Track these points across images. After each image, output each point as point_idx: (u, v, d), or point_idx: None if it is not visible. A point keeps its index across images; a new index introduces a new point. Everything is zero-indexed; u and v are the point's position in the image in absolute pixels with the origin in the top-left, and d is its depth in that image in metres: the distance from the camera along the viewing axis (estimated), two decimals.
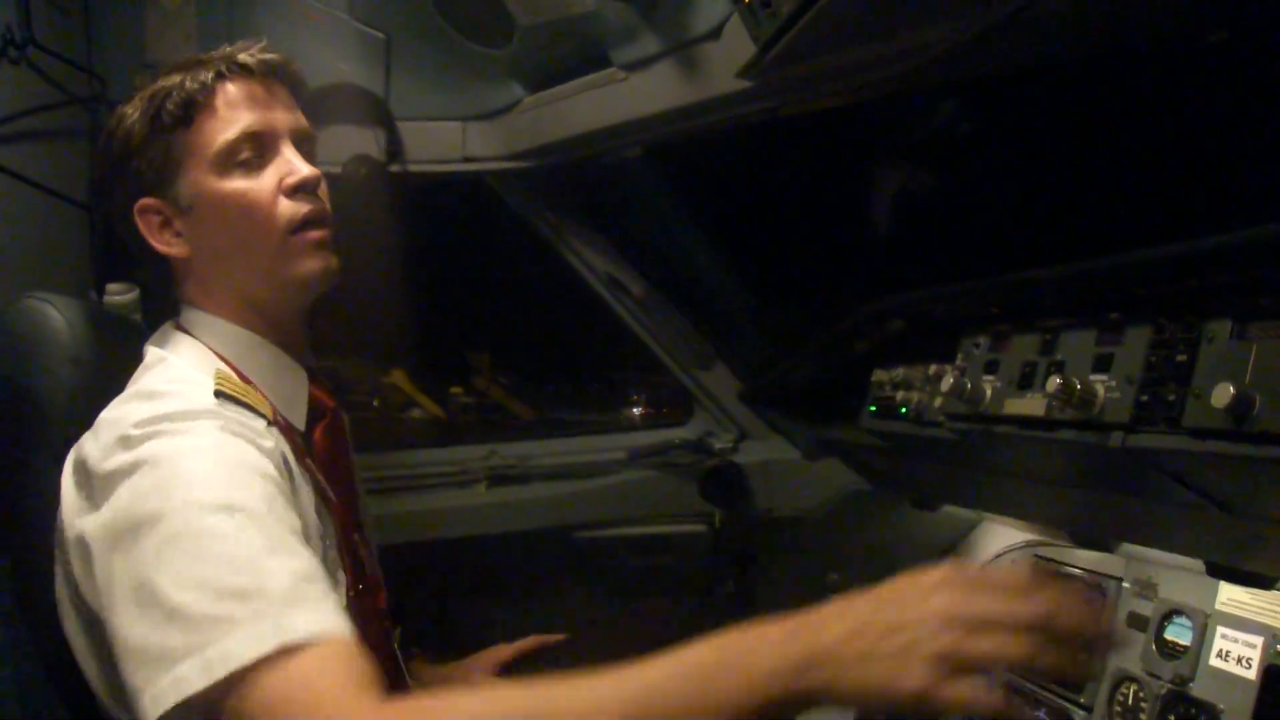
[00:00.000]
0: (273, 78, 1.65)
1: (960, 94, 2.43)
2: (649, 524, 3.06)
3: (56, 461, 1.50)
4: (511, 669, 2.19)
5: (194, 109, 1.57)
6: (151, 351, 1.62)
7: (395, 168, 2.67)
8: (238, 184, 1.58)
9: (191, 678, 1.15)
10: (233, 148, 1.58)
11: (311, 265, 1.62)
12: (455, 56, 2.52)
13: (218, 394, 1.49)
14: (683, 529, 3.04)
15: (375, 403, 4.13)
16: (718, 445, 3.01)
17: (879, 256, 2.93)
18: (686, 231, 3.05)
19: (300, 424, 1.67)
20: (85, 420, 1.49)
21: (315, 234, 1.62)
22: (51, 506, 1.47)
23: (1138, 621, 1.84)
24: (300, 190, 1.60)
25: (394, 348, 4.08)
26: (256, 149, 1.60)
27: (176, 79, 1.59)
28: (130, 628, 1.24)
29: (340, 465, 1.75)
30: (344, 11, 2.56)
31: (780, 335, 3.01)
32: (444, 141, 2.68)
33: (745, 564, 2.94)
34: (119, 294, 2.45)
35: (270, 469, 1.41)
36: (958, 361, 1.96)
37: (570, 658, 2.21)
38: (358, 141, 2.66)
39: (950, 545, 2.66)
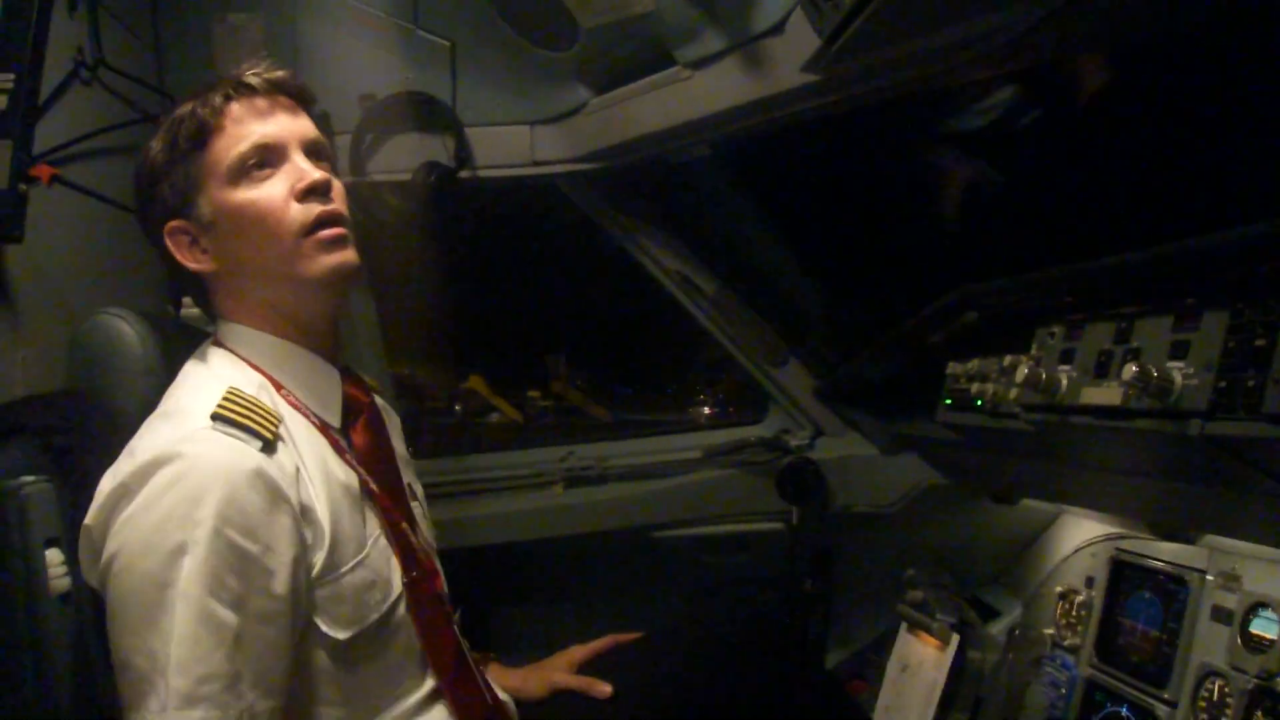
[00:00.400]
0: (279, 94, 1.75)
1: (1027, 80, 2.39)
2: (725, 523, 3.05)
3: None
4: (588, 669, 2.20)
5: (206, 131, 1.69)
6: (185, 369, 1.74)
7: (465, 173, 2.69)
8: (251, 193, 1.67)
9: None
10: (243, 160, 1.68)
11: (327, 262, 1.69)
12: (520, 61, 2.54)
13: (214, 417, 1.55)
14: (759, 527, 3.03)
15: (457, 408, 4.17)
16: (794, 442, 3.00)
17: (951, 248, 2.89)
18: (757, 229, 3.04)
19: (336, 422, 1.77)
20: None
21: (328, 232, 1.69)
22: None
23: (1222, 615, 1.80)
24: (311, 194, 1.68)
25: (471, 353, 4.12)
26: (266, 159, 1.69)
27: (189, 106, 1.71)
28: (112, 651, 1.50)
29: (382, 458, 1.84)
30: (409, 21, 2.60)
31: (854, 330, 2.99)
32: (512, 146, 2.70)
33: (823, 561, 2.92)
34: (195, 307, 2.51)
35: (261, 494, 1.52)
36: (1032, 352, 1.93)
37: (646, 658, 2.22)
38: (427, 148, 2.69)
39: (1030, 539, 2.61)
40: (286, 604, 1.51)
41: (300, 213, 1.67)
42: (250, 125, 1.69)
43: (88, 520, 1.54)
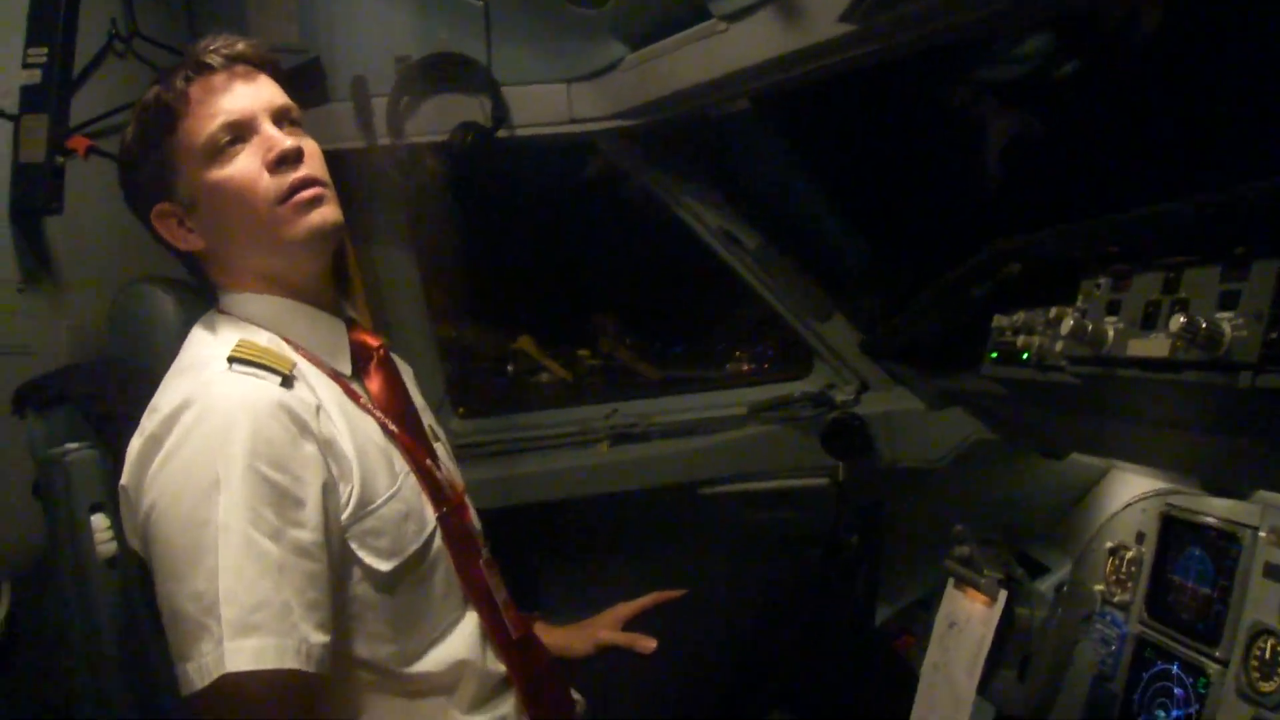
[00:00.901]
0: (241, 66, 1.76)
1: (1068, 26, 2.33)
2: (771, 479, 3.05)
3: None
4: (633, 625, 2.20)
5: (173, 115, 1.71)
6: (191, 334, 1.77)
7: (502, 133, 2.68)
8: (225, 171, 1.70)
9: (193, 679, 1.42)
10: (214, 139, 1.69)
11: (306, 224, 1.72)
12: (554, 19, 2.53)
13: (230, 360, 1.60)
14: (805, 483, 3.01)
15: (509, 369, 4.18)
16: (839, 398, 2.97)
17: (995, 199, 2.85)
18: (798, 182, 3.01)
19: (347, 369, 1.80)
20: None
21: (303, 194, 1.71)
22: None
23: (1274, 572, 1.75)
24: (282, 163, 1.70)
25: (520, 314, 4.12)
26: (236, 135, 1.71)
27: (154, 91, 1.73)
28: (160, 609, 1.50)
29: (398, 399, 1.88)
30: None
31: (898, 284, 2.95)
32: (549, 104, 2.69)
33: (870, 517, 2.91)
34: None
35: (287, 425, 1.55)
36: (1078, 303, 1.89)
37: (691, 614, 2.22)
38: (463, 109, 2.68)
39: (1079, 495, 2.58)
40: (320, 535, 1.54)
41: (274, 183, 1.70)
42: (215, 104, 1.71)
43: (123, 481, 1.57)
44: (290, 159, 1.71)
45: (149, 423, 1.56)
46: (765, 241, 2.89)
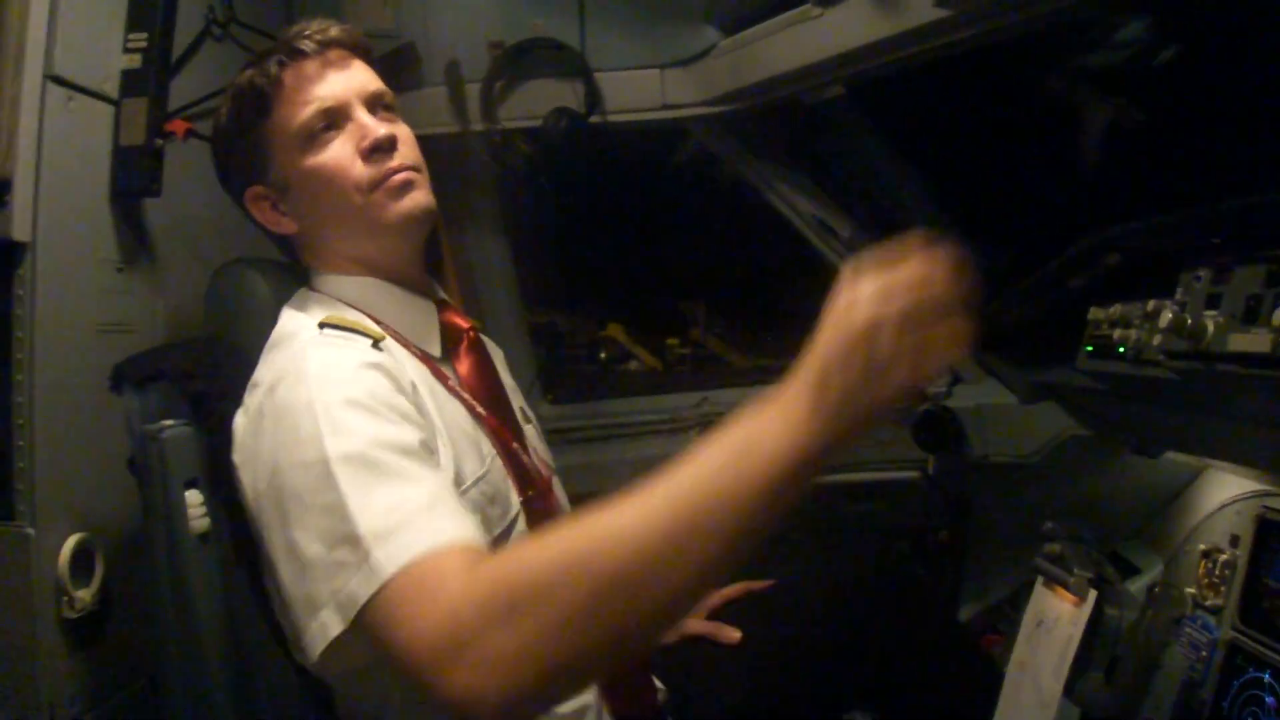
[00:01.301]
0: (335, 51, 1.78)
1: (1169, 10, 2.27)
2: (860, 471, 3.01)
3: None
4: (718, 615, 2.20)
5: (267, 100, 1.74)
6: (282, 313, 1.78)
7: (595, 118, 2.69)
8: (319, 157, 1.73)
9: (330, 623, 1.34)
10: (308, 126, 1.73)
11: (399, 209, 1.74)
12: (649, 4, 2.55)
13: (321, 325, 1.64)
14: (895, 476, 2.97)
15: (602, 355, 4.20)
16: (931, 389, 2.93)
17: (1092, 188, 2.78)
18: (892, 170, 2.96)
19: (436, 351, 1.81)
20: None
21: (396, 179, 1.73)
22: None
23: None
24: (375, 151, 1.72)
25: (611, 301, 4.14)
26: (330, 121, 1.74)
27: (248, 75, 1.76)
28: (282, 576, 1.42)
29: (488, 382, 1.88)
30: None
31: (993, 275, 2.90)
32: (643, 90, 2.69)
33: (959, 512, 2.87)
34: None
35: (381, 379, 1.54)
36: (1177, 296, 1.84)
37: (777, 605, 2.20)
38: (557, 94, 2.69)
39: (1173, 494, 2.51)
40: (432, 455, 1.51)
41: (367, 170, 1.72)
42: (309, 90, 1.74)
43: (234, 457, 1.59)
44: (383, 146, 1.73)
45: (251, 398, 1.59)
46: (858, 229, 2.86)
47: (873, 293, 1.14)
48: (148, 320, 2.24)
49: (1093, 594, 2.05)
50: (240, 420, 1.59)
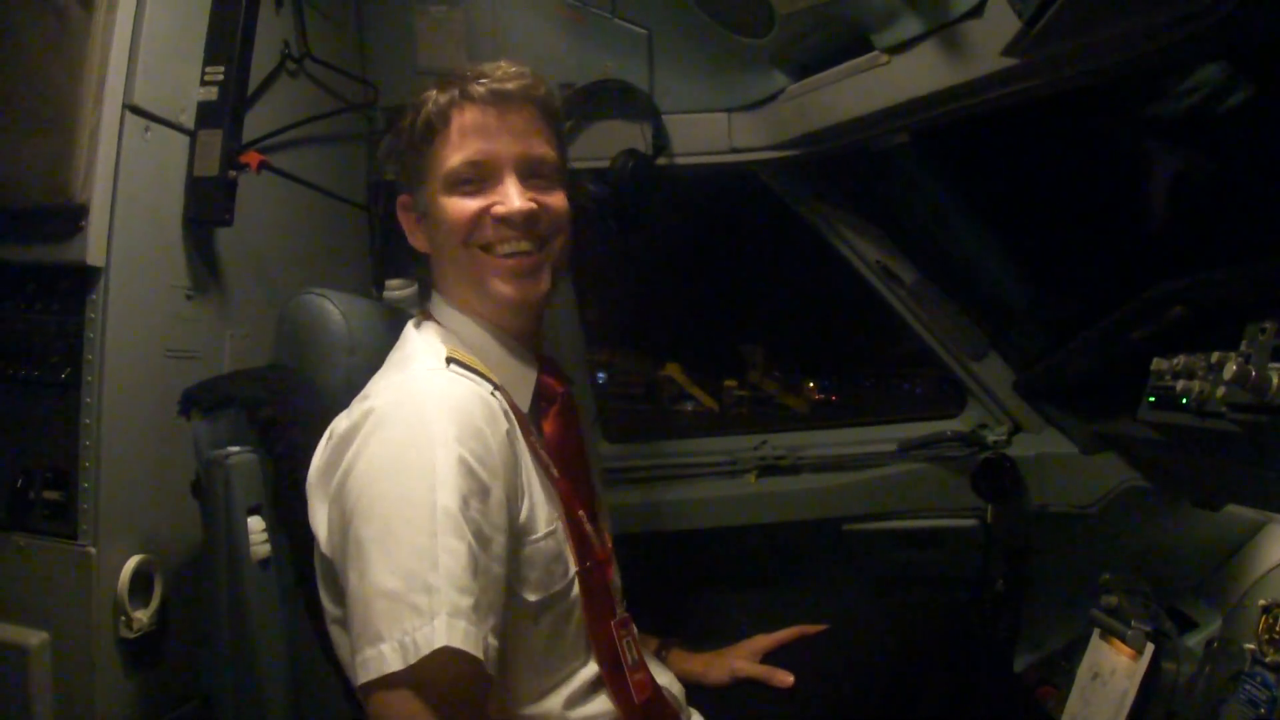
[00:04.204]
0: (508, 104, 1.77)
1: (1237, 60, 2.26)
2: (918, 518, 3.01)
3: None
4: (771, 659, 2.19)
5: (433, 131, 1.77)
6: (405, 332, 1.81)
7: (662, 160, 2.72)
8: (453, 204, 1.76)
9: (391, 658, 1.38)
10: (456, 172, 1.75)
11: (501, 290, 1.77)
12: (717, 48, 2.56)
13: (449, 360, 1.67)
14: (953, 523, 2.97)
15: (663, 395, 4.22)
16: (991, 438, 2.92)
17: (1158, 239, 2.76)
18: (957, 218, 2.97)
19: (525, 407, 1.80)
20: None
21: (507, 263, 1.76)
22: None
23: None
24: (503, 223, 1.74)
25: (670, 341, 4.17)
26: (478, 175, 1.76)
27: (429, 95, 1.79)
28: (354, 593, 1.45)
29: (569, 449, 1.87)
30: (607, 10, 2.65)
31: (1056, 324, 2.89)
32: (710, 133, 2.72)
33: (1017, 561, 2.84)
34: (398, 289, 2.62)
35: (489, 440, 1.57)
36: (1242, 348, 1.82)
37: (831, 650, 2.19)
38: (625, 136, 2.73)
39: (1233, 548, 2.48)
40: (505, 539, 1.54)
41: (490, 235, 1.76)
42: (470, 138, 1.76)
43: (317, 462, 1.63)
44: (513, 222, 1.75)
45: (361, 405, 1.60)
46: (922, 277, 2.86)
47: None
48: (214, 347, 2.28)
49: (1150, 647, 2.04)
50: (341, 425, 1.61)
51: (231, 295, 2.34)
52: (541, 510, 1.70)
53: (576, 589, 1.74)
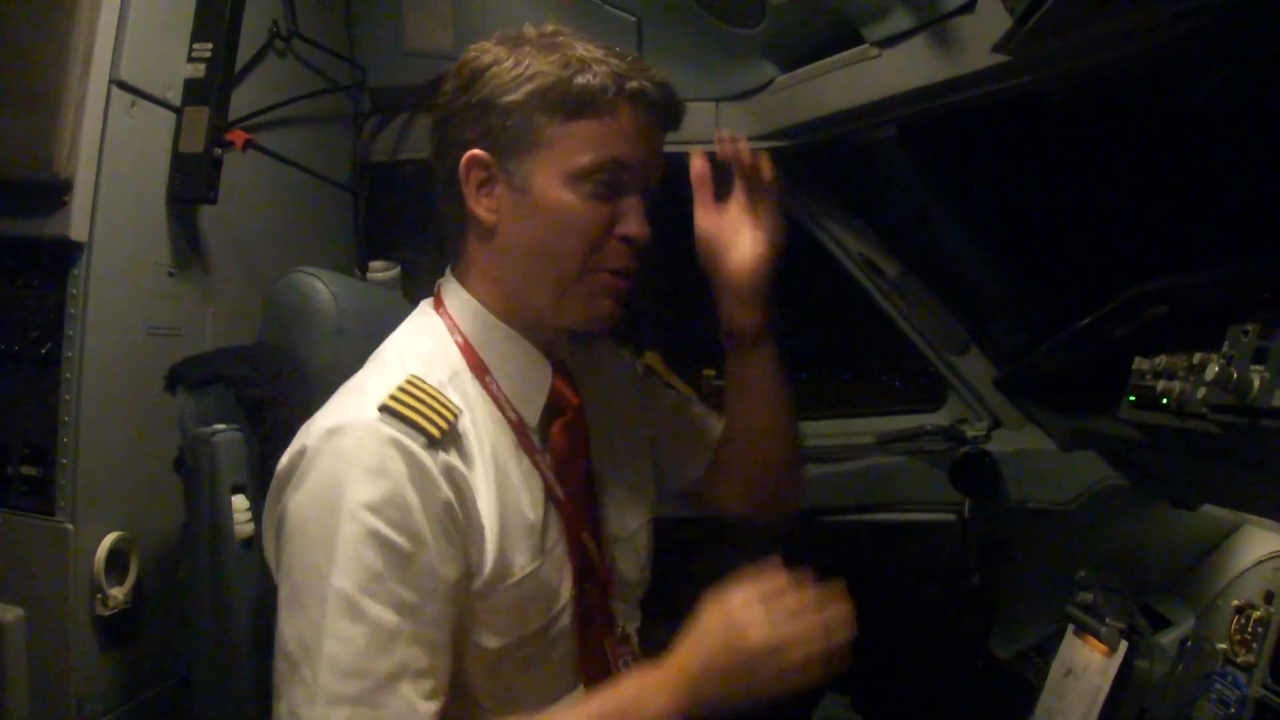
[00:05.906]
0: (666, 115, 1.62)
1: (1225, 62, 2.26)
2: (895, 511, 3.03)
3: None
4: None
5: (580, 110, 1.52)
6: (404, 324, 1.68)
7: None
8: (580, 204, 1.54)
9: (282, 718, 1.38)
10: (595, 169, 1.53)
11: (601, 308, 1.61)
12: (706, 37, 2.54)
13: (382, 409, 1.42)
14: (930, 517, 2.99)
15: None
16: (970, 433, 2.94)
17: (1142, 238, 2.77)
18: (942, 213, 2.97)
19: (533, 419, 1.64)
20: None
21: (621, 282, 1.61)
22: None
23: None
24: (627, 242, 1.58)
25: (648, 330, 4.15)
26: (614, 179, 1.56)
27: (572, 70, 1.52)
28: (278, 637, 1.42)
29: (575, 465, 1.70)
30: None
31: (1038, 321, 2.90)
32: (697, 122, 2.69)
33: (993, 556, 2.86)
34: (380, 271, 2.61)
35: (411, 503, 1.40)
36: (1224, 350, 1.83)
37: None
38: None
39: (1209, 548, 2.50)
40: (442, 603, 1.42)
41: (606, 251, 1.58)
42: (627, 138, 1.55)
43: (278, 469, 1.49)
44: (636, 245, 1.59)
45: (301, 438, 1.46)
46: (905, 270, 2.87)
47: (761, 619, 1.44)
48: (196, 325, 2.27)
49: (1124, 645, 2.05)
50: (295, 445, 1.46)
51: (214, 273, 2.32)
52: (518, 552, 1.54)
53: (565, 620, 1.62)
